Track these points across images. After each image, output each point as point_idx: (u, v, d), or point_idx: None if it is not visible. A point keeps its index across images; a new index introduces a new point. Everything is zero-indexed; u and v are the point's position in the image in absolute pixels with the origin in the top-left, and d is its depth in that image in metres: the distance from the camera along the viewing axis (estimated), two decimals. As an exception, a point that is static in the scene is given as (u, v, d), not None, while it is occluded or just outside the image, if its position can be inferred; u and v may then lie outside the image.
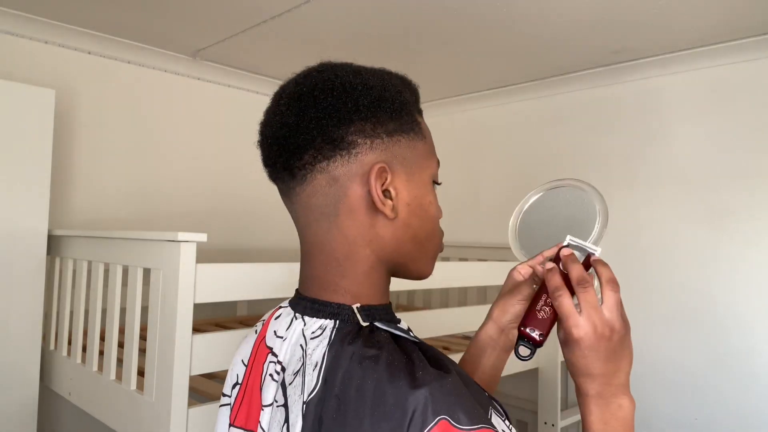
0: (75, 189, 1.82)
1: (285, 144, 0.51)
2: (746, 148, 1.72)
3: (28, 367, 1.37)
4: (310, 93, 0.51)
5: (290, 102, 0.53)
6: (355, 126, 0.49)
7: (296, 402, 0.47)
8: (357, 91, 0.50)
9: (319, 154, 0.50)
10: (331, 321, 0.51)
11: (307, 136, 0.50)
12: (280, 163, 0.52)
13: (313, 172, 0.50)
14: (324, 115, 0.50)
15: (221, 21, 1.67)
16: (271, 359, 0.53)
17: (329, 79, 0.51)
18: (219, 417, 0.59)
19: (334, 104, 0.50)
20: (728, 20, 1.56)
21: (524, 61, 1.94)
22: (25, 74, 1.69)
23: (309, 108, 0.50)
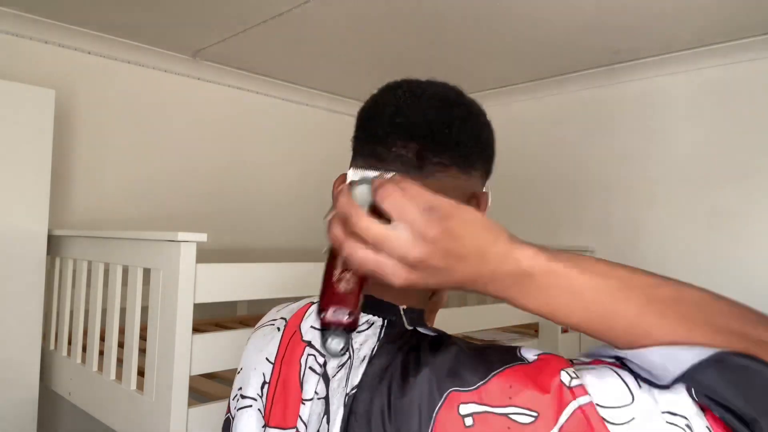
0: (75, 189, 1.82)
1: (433, 136, 0.53)
2: (746, 148, 1.72)
3: (28, 367, 1.37)
4: (480, 113, 0.57)
5: (458, 108, 0.55)
6: (487, 159, 0.58)
7: (339, 394, 0.48)
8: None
9: (457, 161, 0.54)
10: (380, 319, 0.52)
11: (469, 145, 0.54)
12: (414, 149, 0.53)
13: (444, 173, 0.53)
14: (486, 140, 0.57)
15: (221, 21, 1.67)
16: (310, 352, 0.54)
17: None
18: (238, 421, 0.58)
19: (490, 131, 0.58)
20: (728, 20, 1.56)
21: (524, 61, 1.94)
22: (25, 74, 1.68)
23: (484, 127, 0.57)
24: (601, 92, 2.05)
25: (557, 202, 2.14)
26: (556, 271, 0.41)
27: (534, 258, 0.42)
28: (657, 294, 0.41)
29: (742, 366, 0.37)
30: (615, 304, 0.41)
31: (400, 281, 0.42)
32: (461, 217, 0.42)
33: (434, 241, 0.41)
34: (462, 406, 0.41)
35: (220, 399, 1.13)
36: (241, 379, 0.61)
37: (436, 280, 0.43)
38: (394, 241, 0.41)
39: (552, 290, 0.41)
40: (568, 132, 2.15)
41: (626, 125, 1.99)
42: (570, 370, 0.41)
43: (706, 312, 0.40)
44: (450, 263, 0.42)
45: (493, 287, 0.43)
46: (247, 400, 0.59)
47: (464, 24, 1.61)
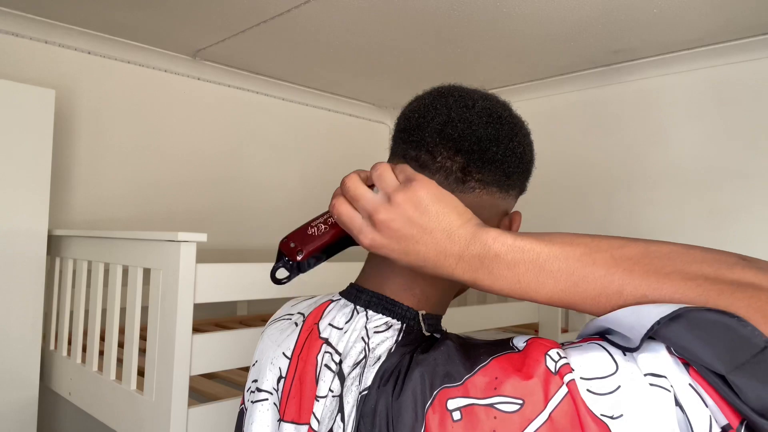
0: (75, 189, 1.82)
1: (481, 153, 0.53)
2: (746, 148, 1.72)
3: (28, 367, 1.37)
4: (526, 131, 0.58)
5: (507, 126, 0.55)
6: (527, 177, 0.58)
7: (352, 392, 0.48)
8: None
9: (499, 180, 0.54)
10: (398, 322, 0.53)
11: (513, 164, 0.55)
12: (459, 163, 0.53)
13: (484, 190, 0.54)
14: (529, 159, 0.57)
15: (221, 21, 1.67)
16: (326, 350, 0.54)
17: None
18: (252, 414, 0.58)
19: (532, 150, 0.58)
20: (728, 20, 1.56)
21: (524, 61, 1.94)
22: (25, 74, 1.69)
23: (528, 147, 0.57)
24: (601, 92, 2.05)
25: (557, 202, 2.14)
26: (522, 248, 0.42)
27: (499, 238, 0.43)
28: (623, 253, 0.41)
29: (707, 320, 0.36)
30: (583, 270, 0.41)
31: (367, 240, 0.46)
32: (431, 193, 0.45)
33: (398, 206, 0.44)
34: (450, 401, 0.41)
35: (220, 399, 1.13)
36: (256, 371, 0.61)
37: (400, 247, 0.45)
38: (368, 200, 0.46)
39: (520, 267, 0.42)
40: (567, 132, 2.15)
41: (626, 125, 1.99)
42: (555, 351, 0.41)
43: (676, 262, 0.39)
44: (414, 233, 0.44)
45: (461, 269, 0.44)
46: (263, 393, 0.59)
47: (464, 24, 1.61)
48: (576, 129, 2.13)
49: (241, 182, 2.25)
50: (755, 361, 0.33)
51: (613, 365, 0.38)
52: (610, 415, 0.36)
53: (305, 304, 0.63)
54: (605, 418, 0.36)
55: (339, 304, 0.58)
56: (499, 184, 0.54)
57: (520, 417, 0.38)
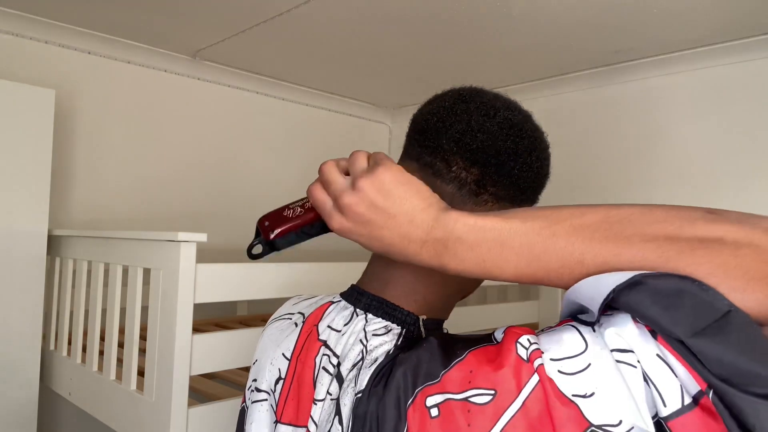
0: (75, 189, 1.82)
1: (498, 166, 0.52)
2: (746, 148, 1.72)
3: (28, 367, 1.37)
4: (545, 145, 0.58)
5: (527, 140, 0.55)
6: (540, 191, 0.59)
7: (349, 395, 0.48)
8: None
9: (512, 194, 0.54)
10: (398, 327, 0.52)
11: (528, 179, 0.55)
12: (475, 175, 0.52)
13: (496, 204, 0.53)
14: (545, 173, 0.58)
15: (221, 21, 1.67)
16: (324, 352, 0.53)
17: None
18: (252, 414, 0.58)
19: (549, 164, 0.59)
20: (728, 20, 1.56)
21: (524, 61, 1.94)
22: (25, 74, 1.69)
23: (545, 161, 0.58)
24: (601, 92, 2.05)
25: (557, 201, 2.13)
26: (483, 227, 0.42)
27: (460, 219, 0.43)
28: (583, 221, 0.40)
29: (667, 287, 0.34)
30: (543, 243, 0.40)
31: (336, 225, 0.47)
32: (396, 177, 0.45)
33: (361, 190, 0.45)
34: (429, 399, 0.41)
35: (220, 399, 1.13)
36: (255, 370, 0.61)
37: (365, 232, 0.46)
38: (337, 184, 0.47)
39: (482, 246, 0.42)
40: (567, 132, 2.15)
41: (626, 125, 1.99)
42: (526, 338, 0.40)
43: (635, 224, 0.38)
44: (377, 218, 0.44)
45: (427, 254, 0.44)
46: (262, 393, 0.59)
47: (464, 24, 1.61)
48: (576, 129, 2.13)
49: (241, 182, 2.24)
50: (717, 326, 0.32)
51: (583, 344, 0.37)
52: (582, 393, 0.36)
53: (306, 303, 0.63)
54: (577, 398, 0.36)
55: (339, 306, 0.57)
56: (512, 199, 0.54)
57: (493, 407, 0.38)
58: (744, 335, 0.32)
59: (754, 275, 0.33)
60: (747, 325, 0.32)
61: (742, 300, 0.33)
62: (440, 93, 0.59)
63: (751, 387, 0.30)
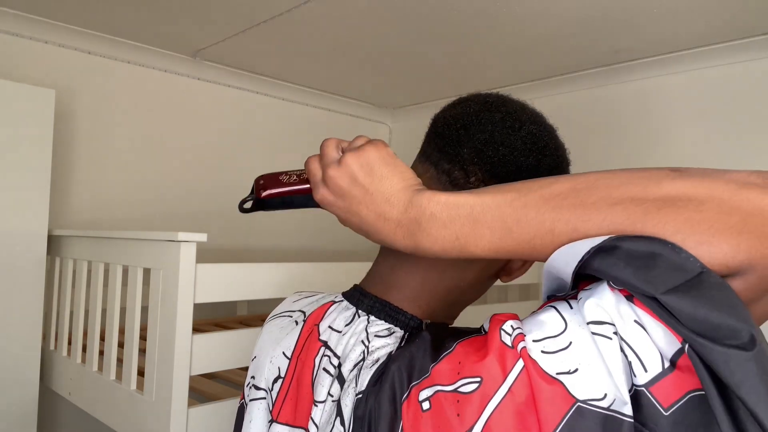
0: (75, 189, 1.82)
1: (504, 165, 0.52)
2: (746, 148, 1.72)
3: (28, 367, 1.37)
4: (567, 161, 0.59)
5: (550, 158, 0.55)
6: None
7: (350, 395, 0.48)
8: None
9: None
10: (401, 330, 0.52)
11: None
12: (480, 174, 0.52)
13: None
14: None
15: (221, 21, 1.67)
16: (325, 353, 0.53)
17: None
18: (251, 412, 0.58)
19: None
20: (728, 20, 1.56)
21: (524, 61, 1.94)
22: (25, 74, 1.69)
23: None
24: (601, 92, 2.06)
25: (557, 202, 2.14)
26: (456, 203, 0.42)
27: (433, 198, 0.43)
28: (552, 190, 0.40)
29: (638, 250, 0.34)
30: (515, 214, 0.40)
31: (318, 195, 0.49)
32: (381, 156, 0.46)
33: (346, 165, 0.46)
34: (421, 393, 0.41)
35: (220, 399, 1.13)
36: (254, 367, 0.61)
37: (343, 205, 0.47)
38: (327, 159, 0.48)
39: (456, 222, 0.41)
40: (567, 132, 2.13)
41: (626, 125, 1.99)
42: (509, 323, 0.40)
43: (601, 189, 0.38)
44: (356, 193, 0.46)
45: (401, 234, 0.44)
46: (261, 391, 0.58)
47: (464, 24, 1.61)
48: (576, 129, 2.13)
49: (241, 182, 2.24)
50: (690, 284, 0.33)
51: (562, 323, 0.38)
52: (566, 370, 0.36)
53: (307, 301, 0.62)
54: (561, 375, 0.36)
55: (341, 306, 0.57)
56: None
57: (479, 395, 0.38)
58: (716, 292, 0.32)
59: (718, 227, 0.33)
60: (718, 284, 0.33)
61: (709, 252, 0.33)
62: (465, 96, 0.59)
63: (724, 339, 0.30)
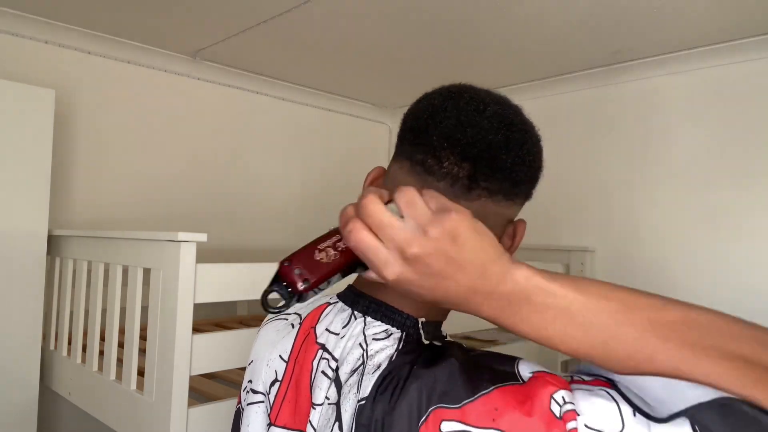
0: (75, 189, 1.82)
1: (489, 160, 0.50)
2: (746, 148, 1.72)
3: (28, 367, 1.37)
4: (537, 138, 0.55)
5: (518, 133, 0.53)
6: (534, 184, 0.55)
7: (350, 401, 0.47)
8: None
9: (505, 188, 0.51)
10: (398, 331, 0.51)
11: (521, 173, 0.52)
12: (467, 169, 0.50)
13: (489, 198, 0.51)
14: (538, 166, 0.54)
15: (221, 21, 1.67)
16: (323, 356, 0.53)
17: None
18: (248, 416, 0.58)
19: (541, 157, 0.55)
20: (728, 20, 1.56)
21: (524, 61, 1.94)
22: (25, 74, 1.68)
23: (537, 154, 0.54)
24: (601, 92, 2.05)
25: (557, 202, 2.14)
26: (554, 292, 0.40)
27: (531, 278, 0.40)
28: (661, 317, 0.39)
29: (746, 415, 0.34)
30: (616, 327, 0.39)
31: (392, 275, 0.41)
32: (470, 226, 0.40)
33: (436, 240, 0.39)
34: (444, 423, 0.40)
35: (220, 399, 1.13)
36: (251, 371, 0.60)
37: (429, 284, 0.41)
38: (397, 230, 0.40)
39: (549, 312, 0.40)
40: (567, 132, 2.15)
41: (626, 125, 1.99)
42: (562, 394, 0.39)
43: (715, 336, 0.38)
44: (447, 270, 0.40)
45: (488, 307, 0.41)
46: (258, 395, 0.58)
47: (464, 24, 1.61)
48: (576, 129, 2.13)
49: (241, 182, 2.24)
50: None
51: (620, 422, 0.37)
52: None
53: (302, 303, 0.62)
54: None
55: (336, 307, 0.57)
56: (505, 193, 0.52)
57: None
58: None
59: None
60: None
61: None
62: (429, 91, 0.57)
63: None
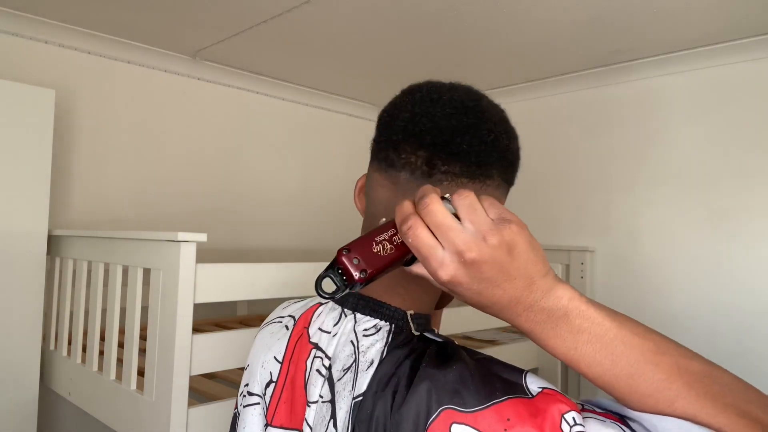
0: (75, 189, 1.82)
1: (443, 145, 0.51)
2: (746, 148, 1.72)
3: (28, 367, 1.37)
4: (498, 119, 0.56)
5: (472, 115, 0.54)
6: (506, 166, 0.56)
7: (345, 398, 0.48)
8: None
9: (469, 171, 0.52)
10: (387, 324, 0.52)
11: (481, 153, 0.52)
12: (423, 156, 0.52)
13: (454, 182, 0.52)
14: (504, 147, 0.55)
15: (221, 21, 1.67)
16: (316, 355, 0.53)
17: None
18: (245, 418, 0.58)
19: (510, 138, 0.57)
20: (728, 20, 1.56)
21: (524, 61, 1.94)
22: (25, 74, 1.68)
23: (501, 134, 0.55)
24: (601, 92, 2.06)
25: (557, 202, 2.14)
26: (592, 318, 0.41)
27: (573, 299, 0.42)
28: (689, 365, 0.41)
29: None
30: (644, 366, 0.40)
31: (446, 276, 0.41)
32: (527, 240, 0.42)
33: (494, 248, 0.40)
34: (455, 426, 0.41)
35: (220, 399, 1.13)
36: (247, 375, 0.61)
37: (478, 288, 0.42)
38: (458, 233, 0.41)
39: (583, 335, 0.41)
40: (567, 132, 2.15)
41: (626, 125, 1.99)
42: (573, 415, 0.40)
43: (735, 395, 0.40)
44: (498, 277, 0.41)
45: (526, 319, 0.42)
46: (254, 397, 0.59)
47: (464, 24, 1.61)
48: (576, 129, 2.13)
49: (241, 182, 2.24)
50: None
51: None
52: None
53: (296, 306, 0.63)
54: None
55: (327, 307, 0.58)
56: (469, 176, 0.52)
57: None
58: None
59: None
60: None
61: None
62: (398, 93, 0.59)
63: None
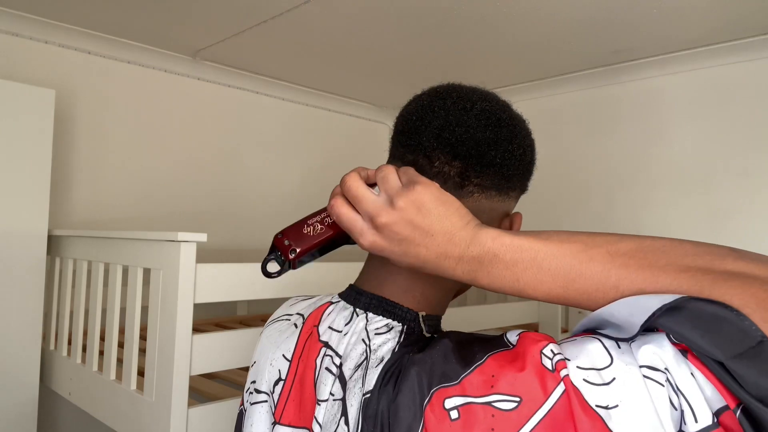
0: (75, 189, 1.82)
1: (479, 157, 0.52)
2: (746, 148, 1.72)
3: (28, 367, 1.37)
4: (526, 132, 0.57)
5: (506, 128, 0.54)
6: (528, 178, 0.57)
7: (356, 395, 0.48)
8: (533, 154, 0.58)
9: (497, 183, 0.53)
10: (399, 324, 0.53)
11: (512, 167, 0.54)
12: (457, 167, 0.52)
13: (483, 194, 0.53)
14: (529, 160, 0.56)
15: (221, 21, 1.67)
16: (327, 353, 0.54)
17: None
18: (252, 416, 0.58)
19: (533, 151, 0.57)
20: (728, 20, 1.56)
21: (524, 61, 1.94)
22: (25, 74, 1.68)
23: (528, 148, 0.56)
24: (601, 92, 2.05)
25: (557, 201, 2.14)
26: (520, 246, 0.43)
27: (497, 238, 0.44)
28: (618, 248, 0.42)
29: (707, 312, 0.36)
30: (580, 267, 0.42)
31: (366, 243, 0.47)
32: (434, 196, 0.45)
33: (401, 209, 0.44)
34: (447, 401, 0.42)
35: (220, 399, 1.13)
36: (254, 372, 0.61)
37: (400, 249, 0.46)
38: (369, 202, 0.46)
39: (519, 265, 0.43)
40: (567, 132, 2.15)
41: (626, 125, 1.99)
42: (550, 347, 0.41)
43: (669, 255, 0.40)
44: (414, 236, 0.45)
45: (461, 270, 0.45)
46: (262, 395, 0.59)
47: (464, 24, 1.61)
48: (576, 129, 2.13)
49: (241, 182, 2.24)
50: (753, 352, 0.34)
51: (608, 357, 0.39)
52: (605, 405, 0.37)
53: (304, 304, 0.63)
54: (600, 408, 0.37)
55: (338, 306, 0.58)
56: (498, 188, 0.54)
57: (517, 415, 0.39)
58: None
59: None
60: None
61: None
62: (418, 93, 0.59)
63: None
